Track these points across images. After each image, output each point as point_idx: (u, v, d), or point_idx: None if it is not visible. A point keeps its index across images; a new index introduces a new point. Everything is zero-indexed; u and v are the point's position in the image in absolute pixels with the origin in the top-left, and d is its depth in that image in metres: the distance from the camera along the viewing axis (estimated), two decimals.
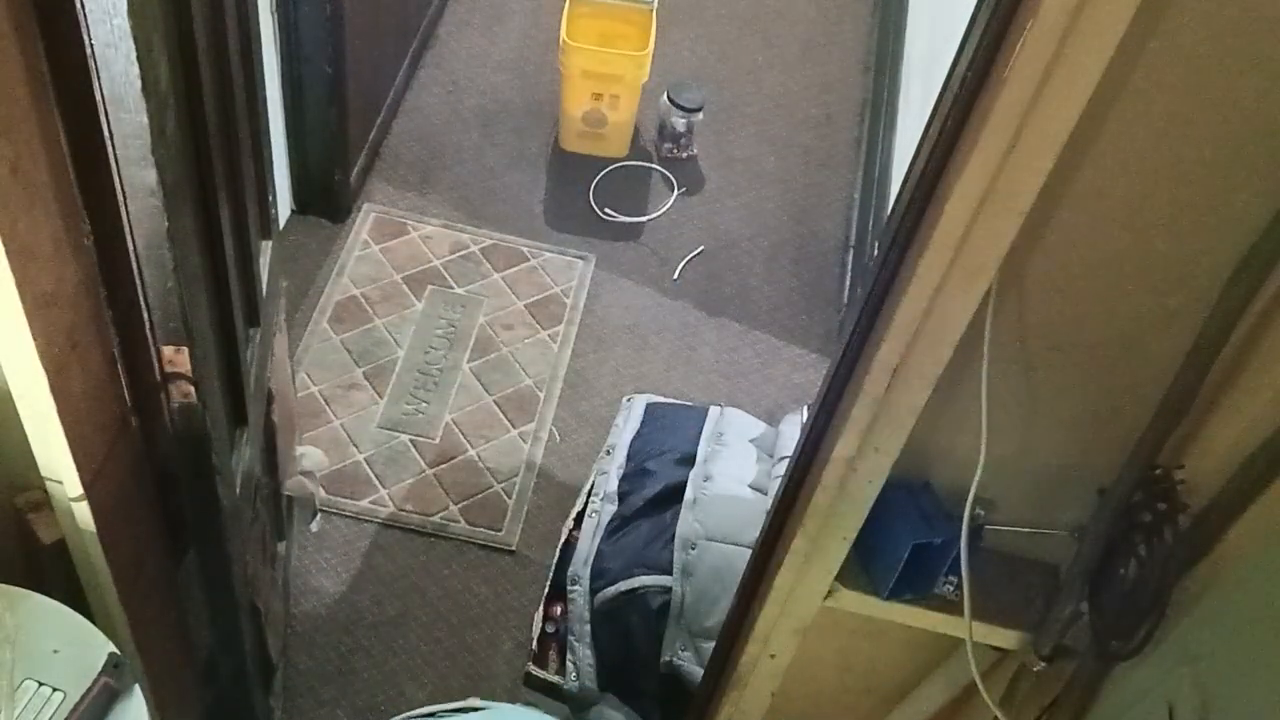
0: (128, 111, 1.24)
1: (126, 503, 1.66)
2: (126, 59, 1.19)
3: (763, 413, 2.94)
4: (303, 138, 3.17)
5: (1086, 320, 1.39)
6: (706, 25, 4.14)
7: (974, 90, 1.22)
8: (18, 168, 1.22)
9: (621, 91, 3.50)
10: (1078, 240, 1.32)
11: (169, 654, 1.93)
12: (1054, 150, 1.16)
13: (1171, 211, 1.27)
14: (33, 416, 1.42)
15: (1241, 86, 1.16)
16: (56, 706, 1.46)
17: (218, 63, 1.59)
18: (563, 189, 3.59)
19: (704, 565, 2.42)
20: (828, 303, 3.41)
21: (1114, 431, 1.49)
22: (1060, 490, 1.59)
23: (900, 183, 1.44)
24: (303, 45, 2.96)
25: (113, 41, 1.18)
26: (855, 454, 1.50)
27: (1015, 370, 1.46)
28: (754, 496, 2.56)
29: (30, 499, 1.60)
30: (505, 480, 2.89)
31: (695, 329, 3.30)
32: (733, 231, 3.56)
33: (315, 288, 3.20)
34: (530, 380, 3.10)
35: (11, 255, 1.23)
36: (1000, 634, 1.69)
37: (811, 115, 3.92)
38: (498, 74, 3.86)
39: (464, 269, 3.31)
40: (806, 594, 1.71)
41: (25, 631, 1.52)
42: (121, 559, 1.65)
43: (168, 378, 1.52)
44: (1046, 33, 1.08)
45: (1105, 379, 1.46)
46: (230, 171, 1.69)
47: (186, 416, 1.57)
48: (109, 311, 1.49)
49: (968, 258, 1.26)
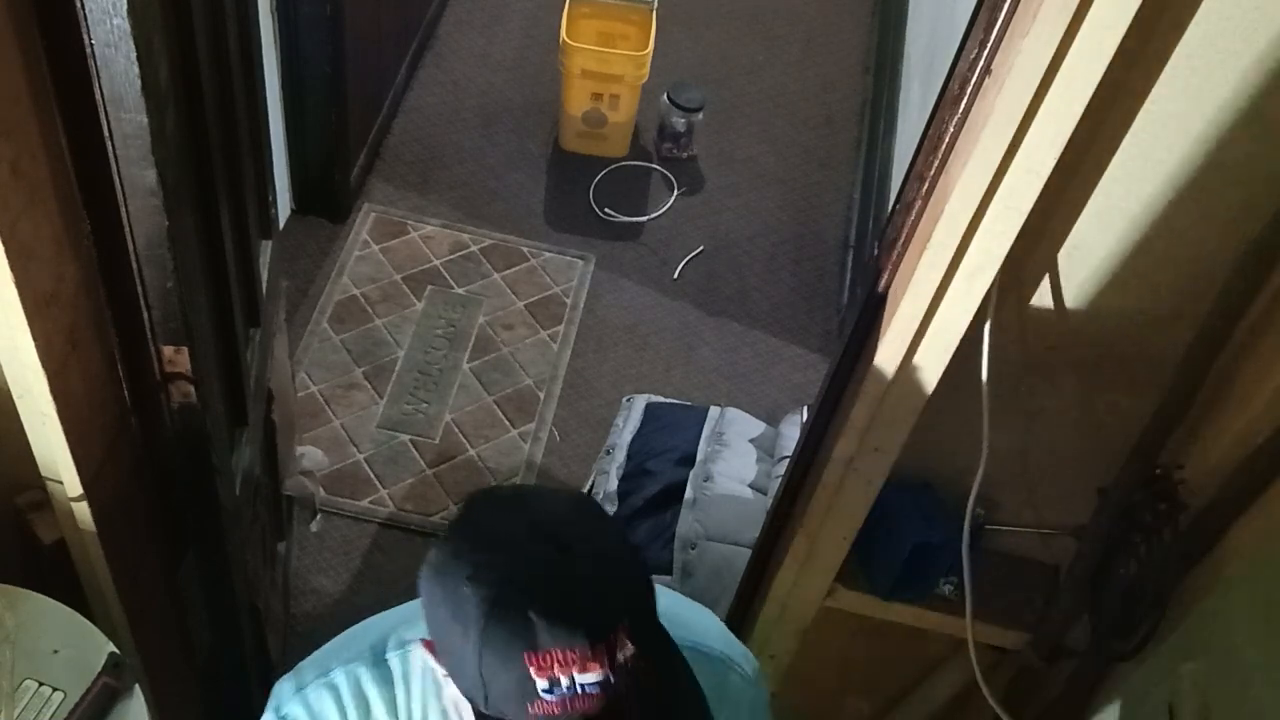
0: (128, 111, 1.24)
1: (126, 503, 1.66)
2: (126, 59, 1.19)
3: (763, 413, 2.93)
4: (303, 138, 3.17)
5: (1086, 320, 1.39)
6: (706, 25, 4.14)
7: (974, 90, 1.22)
8: (18, 168, 1.22)
9: (621, 91, 3.50)
10: (1078, 240, 1.32)
11: (169, 654, 1.93)
12: (1054, 150, 1.16)
13: (1171, 212, 1.27)
14: (33, 416, 1.42)
15: (1242, 86, 1.16)
16: (56, 706, 1.47)
17: (218, 63, 1.59)
18: (563, 189, 3.59)
19: (704, 565, 2.41)
20: (828, 303, 3.41)
21: (1114, 431, 1.49)
22: (1060, 490, 1.59)
23: (900, 183, 1.44)
24: (303, 45, 2.95)
25: (113, 41, 1.18)
26: (855, 454, 1.50)
27: (1015, 370, 1.46)
28: (754, 496, 2.56)
29: (30, 499, 1.60)
30: (505, 480, 2.89)
31: (695, 329, 3.30)
32: (733, 231, 3.56)
33: (315, 288, 3.20)
34: (530, 380, 3.10)
35: (11, 255, 1.23)
36: (1000, 634, 1.69)
37: (811, 115, 3.92)
38: (498, 74, 3.86)
39: (464, 269, 3.31)
40: (806, 594, 1.71)
41: (25, 631, 1.52)
42: (121, 559, 1.65)
43: (168, 378, 1.52)
44: (1047, 32, 1.08)
45: (1104, 379, 1.46)
46: (230, 171, 1.69)
47: (186, 416, 1.57)
48: (109, 311, 1.49)
49: (968, 258, 1.26)
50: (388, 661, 1.13)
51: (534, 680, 0.87)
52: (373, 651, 1.13)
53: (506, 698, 0.90)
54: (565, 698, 0.87)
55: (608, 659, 0.87)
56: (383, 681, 1.12)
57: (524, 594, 0.89)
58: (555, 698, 0.88)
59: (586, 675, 0.87)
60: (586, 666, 0.87)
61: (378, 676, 1.12)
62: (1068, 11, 1.06)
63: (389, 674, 1.12)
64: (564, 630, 0.87)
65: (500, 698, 0.90)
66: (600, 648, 0.87)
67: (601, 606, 0.89)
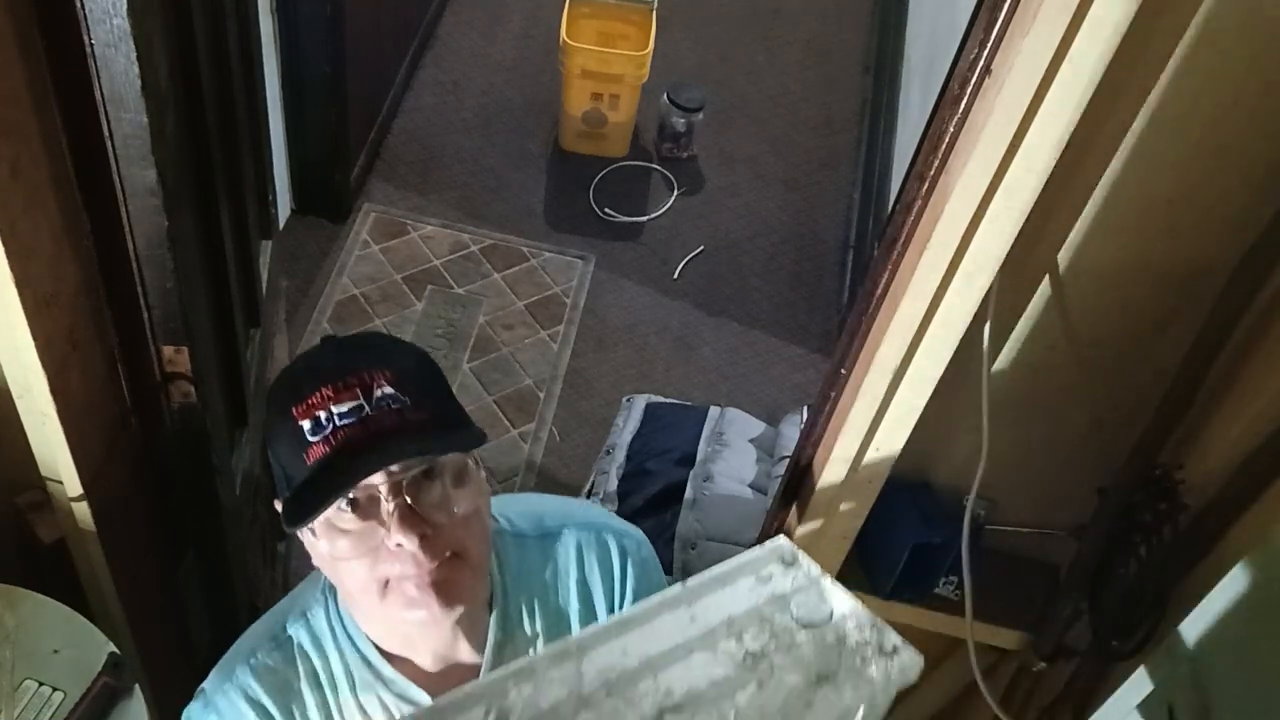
0: (128, 111, 1.24)
1: (126, 503, 1.66)
2: (126, 59, 1.19)
3: (763, 413, 2.93)
4: (303, 138, 3.17)
5: (1086, 320, 1.39)
6: (706, 25, 4.14)
7: (974, 90, 1.22)
8: (18, 168, 1.22)
9: (621, 91, 3.50)
10: (1078, 240, 1.32)
11: (169, 654, 1.93)
12: (1054, 150, 1.16)
13: (1171, 212, 1.27)
14: (33, 416, 1.42)
15: (1242, 86, 1.16)
16: (56, 706, 1.46)
17: (218, 63, 1.59)
18: (563, 189, 3.59)
19: (704, 565, 2.40)
20: (828, 303, 3.41)
21: (1114, 431, 1.49)
22: (1060, 490, 1.58)
23: (900, 183, 1.44)
24: (303, 45, 2.95)
25: (113, 41, 1.18)
26: (855, 454, 1.50)
27: (1015, 370, 1.46)
28: (754, 496, 2.56)
29: (30, 499, 1.60)
30: (505, 480, 2.89)
31: (695, 329, 3.30)
32: (733, 231, 3.56)
33: (315, 288, 3.20)
34: (530, 380, 3.10)
35: (11, 255, 1.23)
36: (1001, 634, 1.69)
37: (811, 115, 3.92)
38: (498, 74, 3.86)
39: (464, 269, 3.31)
40: None
41: (25, 631, 1.52)
42: (121, 559, 1.65)
43: (168, 378, 1.53)
44: (1047, 33, 1.08)
45: (1104, 379, 1.46)
46: (230, 171, 1.69)
47: (186, 416, 1.57)
48: (109, 311, 1.49)
49: (968, 258, 1.26)
50: (290, 636, 1.13)
51: (300, 426, 0.97)
52: (273, 638, 1.13)
53: (291, 460, 0.99)
54: (326, 434, 0.96)
55: (360, 392, 0.97)
56: (290, 659, 1.11)
57: (295, 374, 1.01)
58: (319, 437, 0.96)
59: (341, 406, 0.96)
60: (340, 398, 0.96)
61: (284, 657, 1.11)
62: (1068, 11, 1.06)
63: (293, 647, 1.12)
64: (320, 378, 0.97)
65: (288, 465, 1.00)
66: (351, 382, 0.97)
67: (358, 359, 0.99)
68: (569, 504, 1.27)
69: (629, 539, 1.21)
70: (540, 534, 1.18)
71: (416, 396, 1.00)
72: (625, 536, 1.21)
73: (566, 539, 1.18)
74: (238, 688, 1.10)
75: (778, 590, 0.88)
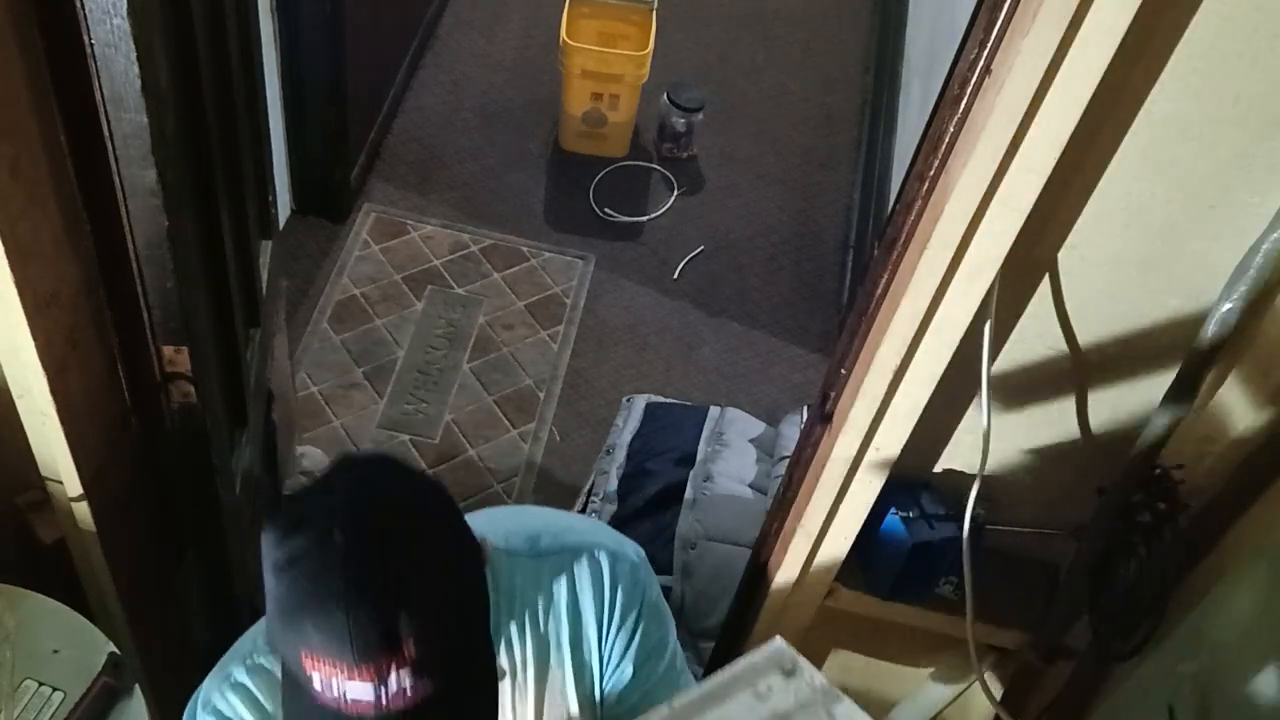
0: (128, 111, 1.24)
1: (126, 503, 1.66)
2: (126, 59, 1.19)
3: (763, 413, 2.93)
4: (303, 138, 3.17)
5: (1086, 320, 1.39)
6: (706, 25, 4.14)
7: (974, 90, 1.22)
8: (18, 168, 1.22)
9: (621, 91, 3.50)
10: (1078, 240, 1.32)
11: (169, 654, 1.93)
12: (1054, 150, 1.16)
13: (1172, 211, 1.27)
14: (33, 416, 1.42)
15: (1242, 86, 1.16)
16: (56, 706, 1.47)
17: (218, 63, 1.59)
18: (563, 189, 3.59)
19: (704, 565, 2.41)
20: (828, 303, 3.41)
21: (1114, 431, 1.49)
22: (1060, 490, 1.58)
23: (900, 183, 1.44)
24: (303, 45, 2.95)
25: (113, 41, 1.18)
26: (855, 454, 1.50)
27: (1015, 370, 1.46)
28: (754, 496, 2.56)
29: (30, 499, 1.60)
30: (505, 480, 2.89)
31: (695, 329, 3.30)
32: (733, 231, 3.56)
33: (315, 288, 3.20)
34: (530, 380, 3.10)
35: (11, 255, 1.23)
36: (1001, 634, 1.69)
37: (811, 115, 3.92)
38: (498, 74, 3.86)
39: (464, 269, 3.31)
40: (806, 594, 1.71)
41: (25, 631, 1.52)
42: (121, 559, 1.65)
43: (168, 378, 1.53)
44: (1047, 33, 1.08)
45: (1104, 379, 1.46)
46: (230, 171, 1.69)
47: (186, 416, 1.57)
48: (109, 311, 1.49)
49: (968, 258, 1.26)
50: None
51: (309, 675, 0.90)
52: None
53: (296, 674, 0.92)
54: (337, 700, 0.89)
55: (375, 677, 0.88)
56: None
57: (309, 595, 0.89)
58: (329, 697, 0.90)
59: (353, 685, 0.88)
60: (353, 676, 0.88)
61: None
62: (1068, 11, 1.06)
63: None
64: (333, 639, 0.87)
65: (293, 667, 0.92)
66: (367, 669, 0.87)
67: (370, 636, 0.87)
68: (564, 521, 1.25)
69: (621, 561, 1.19)
70: (535, 554, 1.17)
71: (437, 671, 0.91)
72: (618, 558, 1.19)
73: (560, 560, 1.17)
74: (237, 688, 1.10)
75: (779, 709, 0.80)
